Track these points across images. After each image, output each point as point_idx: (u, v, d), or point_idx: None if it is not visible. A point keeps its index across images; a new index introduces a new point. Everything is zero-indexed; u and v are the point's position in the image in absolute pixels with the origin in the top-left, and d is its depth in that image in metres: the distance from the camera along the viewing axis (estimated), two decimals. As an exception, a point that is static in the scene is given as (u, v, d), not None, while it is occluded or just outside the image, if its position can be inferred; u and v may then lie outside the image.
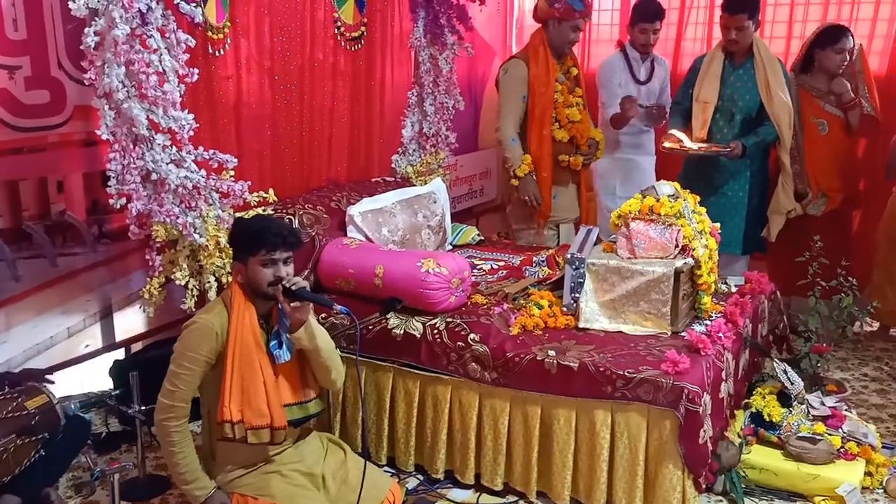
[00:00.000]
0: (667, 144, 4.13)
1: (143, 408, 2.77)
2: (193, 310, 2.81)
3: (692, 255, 2.90)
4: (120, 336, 3.27)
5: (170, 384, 2.44)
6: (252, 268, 2.44)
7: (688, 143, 4.06)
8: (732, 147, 3.99)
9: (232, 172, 2.92)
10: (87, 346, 3.13)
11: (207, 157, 2.84)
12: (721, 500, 2.81)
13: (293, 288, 2.39)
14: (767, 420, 2.93)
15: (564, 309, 3.00)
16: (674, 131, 4.16)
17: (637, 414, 2.57)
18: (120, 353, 3.34)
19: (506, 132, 4.03)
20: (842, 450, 2.85)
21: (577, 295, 2.96)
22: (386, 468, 2.96)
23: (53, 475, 2.73)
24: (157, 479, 2.89)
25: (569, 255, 3.00)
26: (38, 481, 2.63)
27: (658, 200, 2.97)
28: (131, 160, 2.65)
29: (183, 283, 2.85)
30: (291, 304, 2.39)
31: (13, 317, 2.86)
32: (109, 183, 2.66)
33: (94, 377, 3.25)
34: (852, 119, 4.09)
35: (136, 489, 2.82)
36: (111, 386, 3.16)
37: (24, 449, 2.54)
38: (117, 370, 3.22)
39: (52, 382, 2.71)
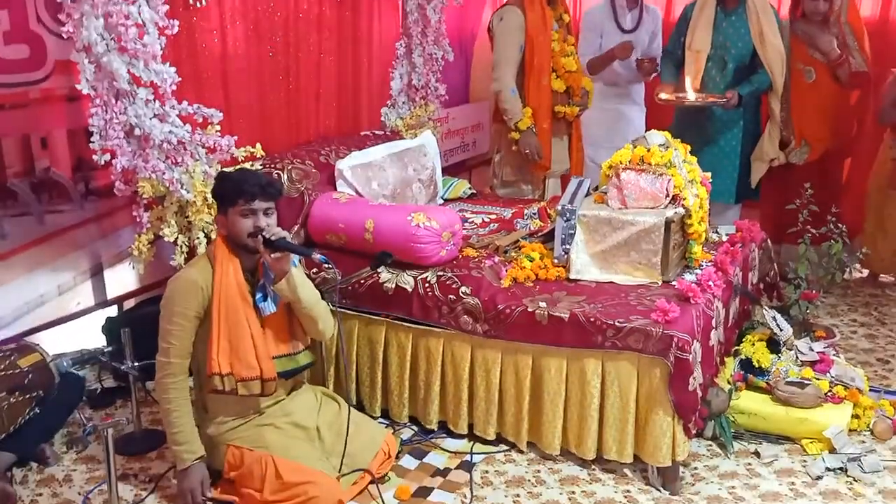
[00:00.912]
0: (663, 95, 4.09)
1: (136, 364, 2.78)
2: (183, 266, 2.80)
3: (683, 205, 2.90)
4: (111, 293, 3.26)
5: (163, 342, 2.46)
6: (232, 219, 2.45)
7: (685, 95, 4.02)
8: (729, 97, 3.95)
9: (218, 127, 2.89)
10: (78, 303, 3.12)
11: (192, 112, 2.80)
12: (710, 445, 2.85)
13: (272, 238, 2.39)
14: (757, 366, 2.97)
15: (555, 261, 3.00)
16: (669, 82, 4.11)
17: (627, 363, 2.60)
18: (112, 311, 3.33)
19: (505, 83, 3.94)
20: (829, 394, 2.89)
21: (568, 246, 2.95)
22: (380, 420, 2.99)
23: (48, 432, 2.76)
24: (152, 433, 2.91)
25: (560, 207, 2.99)
26: (33, 438, 2.66)
27: (648, 150, 2.95)
28: (114, 115, 2.61)
29: (172, 239, 2.84)
30: (272, 255, 2.40)
31: (2, 275, 2.84)
32: (93, 139, 2.63)
33: (87, 334, 3.25)
34: (841, 75, 4.03)
35: (133, 444, 2.85)
36: (104, 343, 3.16)
37: (19, 406, 2.56)
38: (109, 327, 3.23)
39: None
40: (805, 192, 3.44)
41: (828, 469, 2.68)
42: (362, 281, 2.97)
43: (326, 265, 2.43)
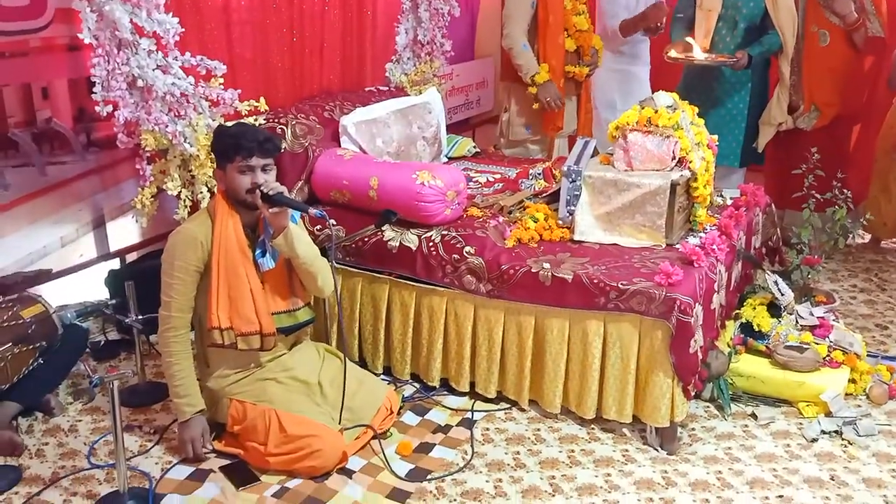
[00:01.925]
0: (672, 54, 4.03)
1: (139, 317, 2.78)
2: (186, 220, 2.79)
3: (689, 168, 2.88)
4: (114, 246, 3.26)
5: (164, 296, 2.47)
6: (230, 175, 2.44)
7: (694, 54, 3.96)
8: (738, 57, 3.90)
9: (221, 80, 2.85)
10: (81, 255, 3.12)
11: (195, 64, 2.77)
12: (708, 407, 2.89)
13: (270, 193, 2.39)
14: (757, 330, 2.98)
15: (560, 222, 3.00)
16: (680, 40, 4.05)
17: (629, 324, 2.61)
18: (114, 264, 3.33)
19: (515, 38, 3.88)
20: (827, 358, 2.91)
21: (572, 208, 2.95)
22: (383, 377, 3.01)
23: (52, 382, 2.78)
24: (156, 385, 2.94)
25: (565, 168, 2.97)
26: (37, 388, 2.68)
27: (656, 111, 2.92)
28: (116, 65, 2.58)
29: (175, 193, 2.83)
30: (270, 210, 2.39)
31: (4, 226, 2.84)
32: (95, 89, 2.60)
33: (90, 287, 3.26)
34: (857, 39, 3.97)
35: (137, 396, 2.88)
36: (107, 296, 3.17)
37: (22, 357, 2.57)
38: (112, 280, 3.23)
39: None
40: (811, 158, 3.42)
41: (823, 432, 2.71)
42: (366, 239, 2.96)
43: (320, 217, 2.42)
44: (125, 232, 3.26)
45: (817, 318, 3.05)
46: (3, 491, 2.35)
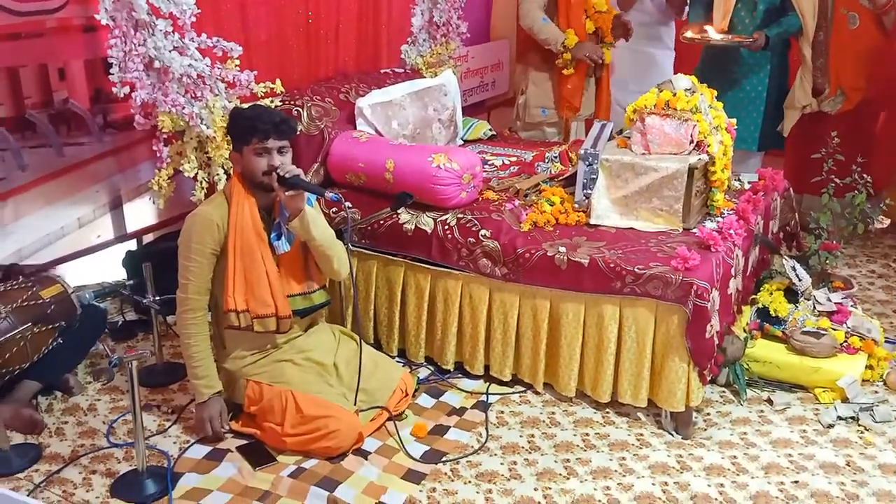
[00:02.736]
0: (688, 34, 3.99)
1: (157, 297, 2.80)
2: (202, 201, 2.80)
3: (707, 152, 2.85)
4: (131, 227, 3.28)
5: (182, 278, 2.48)
6: (247, 157, 2.44)
7: (710, 34, 3.91)
8: (755, 38, 3.85)
9: (237, 62, 2.85)
10: (98, 236, 3.14)
11: (211, 45, 2.76)
12: (724, 392, 2.88)
13: (286, 176, 2.38)
14: (773, 315, 2.97)
15: (576, 205, 2.98)
16: (698, 21, 4.01)
17: (645, 309, 2.60)
18: (131, 245, 3.35)
19: (533, 15, 3.86)
20: (845, 344, 2.90)
21: (589, 191, 2.93)
22: (397, 359, 3.02)
23: (71, 362, 2.81)
24: (174, 366, 2.96)
25: (582, 151, 2.96)
26: (56, 368, 2.71)
27: (674, 95, 2.89)
28: (133, 46, 2.58)
29: (191, 174, 2.83)
30: (286, 193, 2.39)
31: (21, 207, 2.85)
32: (112, 70, 2.60)
33: (108, 268, 3.28)
34: (886, 23, 3.90)
35: (154, 376, 2.90)
36: (124, 276, 3.19)
37: (41, 337, 2.59)
38: (130, 261, 3.25)
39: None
40: (831, 142, 3.38)
41: (839, 418, 2.70)
42: (382, 221, 2.96)
43: (336, 201, 2.42)
44: (142, 213, 3.28)
45: (835, 303, 3.03)
46: (23, 468, 2.38)
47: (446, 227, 2.88)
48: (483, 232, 2.82)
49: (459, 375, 2.95)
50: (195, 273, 2.47)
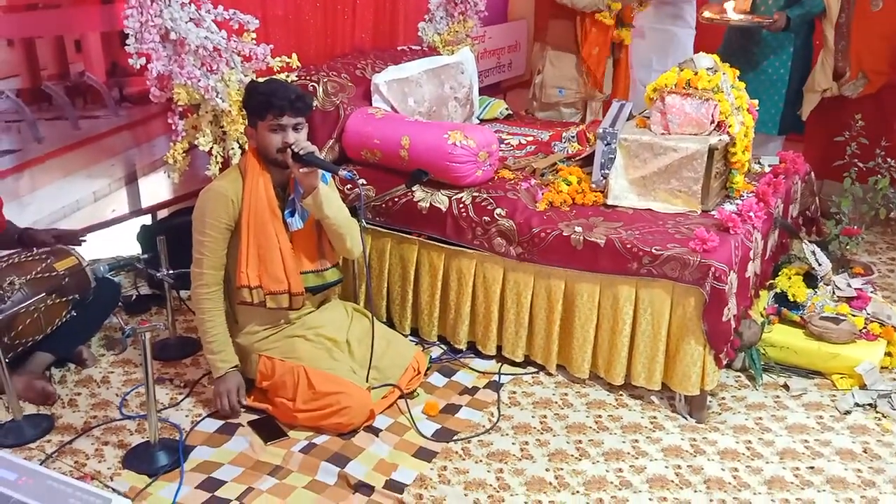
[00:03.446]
0: (707, 14, 3.92)
1: (171, 271, 2.80)
2: (217, 176, 2.79)
3: (728, 132, 2.81)
4: (146, 202, 3.28)
5: (196, 253, 2.48)
6: (262, 133, 2.42)
7: (729, 14, 3.84)
8: (776, 18, 3.77)
9: (254, 35, 2.83)
10: (113, 210, 3.14)
11: (227, 17, 2.74)
12: (739, 377, 2.85)
13: (301, 153, 2.36)
14: (791, 300, 2.93)
15: (593, 185, 2.95)
16: (717, 1, 3.94)
17: (662, 290, 2.57)
18: (146, 219, 3.35)
19: None
20: (864, 330, 2.85)
21: (607, 171, 2.89)
22: (410, 338, 3.01)
23: (85, 335, 2.82)
24: (187, 340, 2.97)
25: (600, 131, 2.92)
26: (70, 340, 2.72)
27: (696, 74, 2.84)
28: (149, 17, 2.56)
29: (206, 149, 2.82)
30: (301, 170, 2.37)
31: (38, 178, 2.86)
32: (128, 42, 2.59)
33: (122, 242, 3.29)
34: None
35: (168, 350, 2.91)
36: (139, 251, 3.19)
37: (55, 309, 2.60)
38: (144, 235, 3.25)
39: (84, 241, 2.71)
40: (855, 125, 3.32)
41: (857, 404, 2.67)
42: (396, 199, 2.94)
43: (350, 179, 2.39)
44: (157, 188, 3.27)
45: (855, 289, 2.98)
46: (36, 439, 2.39)
47: (461, 205, 2.85)
48: (498, 211, 2.80)
49: (472, 355, 2.94)
50: (209, 248, 2.46)
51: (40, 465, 2.18)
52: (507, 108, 4.00)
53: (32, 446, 2.37)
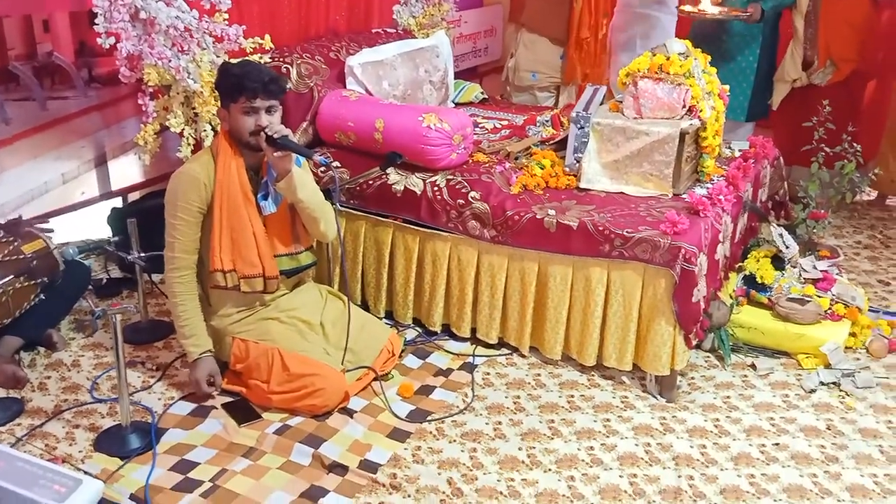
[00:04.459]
0: (686, 8, 3.95)
1: (142, 254, 2.77)
2: (189, 158, 2.76)
3: (699, 117, 2.84)
4: (116, 185, 3.24)
5: (168, 236, 2.46)
6: (234, 115, 2.40)
7: (706, 8, 3.87)
8: (751, 12, 3.81)
9: (226, 15, 2.80)
10: (83, 193, 3.10)
11: (199, -3, 2.71)
12: (709, 357, 2.90)
13: (275, 136, 2.34)
14: (760, 282, 2.98)
15: (567, 169, 2.97)
16: None
17: (633, 272, 2.60)
18: (117, 202, 3.31)
19: None
20: (829, 311, 2.92)
21: (580, 155, 2.91)
22: (385, 321, 3.01)
23: (54, 318, 2.79)
24: (158, 323, 2.95)
25: (574, 114, 2.93)
26: (39, 323, 2.69)
27: (668, 59, 2.87)
28: (118, -4, 2.52)
29: (178, 130, 2.79)
30: (275, 154, 2.36)
31: (5, 160, 2.81)
32: (97, 21, 2.55)
33: (92, 225, 3.25)
34: None
35: (140, 333, 2.89)
36: (109, 234, 3.16)
37: (23, 292, 2.57)
38: (115, 218, 3.22)
39: (51, 231, 2.70)
40: (822, 111, 3.37)
41: (821, 383, 2.73)
42: (371, 182, 2.94)
43: (324, 165, 2.38)
44: (128, 170, 3.24)
45: (821, 271, 3.04)
46: (5, 422, 2.37)
47: (436, 188, 2.86)
48: (473, 194, 2.81)
49: (446, 337, 2.95)
50: (182, 231, 2.44)
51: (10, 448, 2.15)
52: (482, 92, 4.00)
53: (2, 430, 2.35)
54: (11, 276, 2.50)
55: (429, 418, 2.49)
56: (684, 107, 2.83)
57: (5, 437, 2.31)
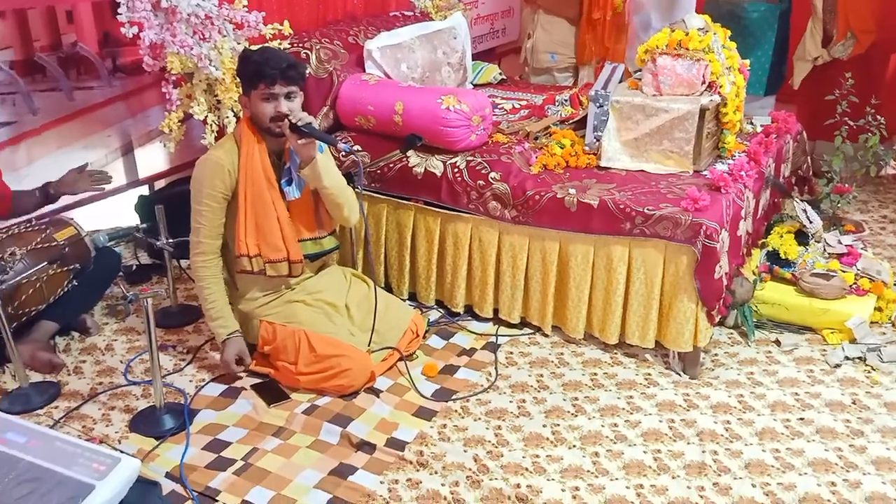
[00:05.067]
0: None
1: (170, 240, 2.83)
2: (213, 144, 2.80)
3: (719, 92, 2.83)
4: (143, 173, 3.29)
5: (194, 222, 2.50)
6: (255, 102, 2.43)
7: None
8: None
9: (245, 2, 2.83)
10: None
11: (219, -15, 2.73)
12: (732, 333, 2.90)
13: (299, 123, 2.37)
14: (783, 258, 2.97)
15: (586, 148, 2.97)
16: None
17: (654, 250, 2.61)
18: (144, 190, 3.37)
19: None
20: (854, 286, 2.90)
21: (599, 133, 2.91)
22: (408, 302, 3.05)
23: (87, 304, 2.86)
24: (188, 308, 3.01)
25: (593, 93, 2.93)
26: (73, 309, 2.76)
27: (687, 34, 2.85)
28: (141, -15, 2.55)
29: (201, 117, 2.83)
30: (299, 141, 2.38)
31: (34, 150, 2.87)
32: (119, 10, 2.58)
33: (120, 213, 3.31)
34: None
35: (169, 317, 2.95)
36: (137, 221, 3.21)
37: (57, 278, 2.64)
38: (142, 205, 3.27)
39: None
40: (845, 84, 3.34)
41: (847, 358, 2.72)
42: (391, 165, 2.96)
43: (348, 153, 2.41)
44: (154, 158, 3.29)
45: (845, 245, 3.02)
46: (43, 405, 2.44)
47: (456, 169, 2.87)
48: (493, 174, 2.82)
49: (469, 318, 2.98)
50: (207, 218, 2.49)
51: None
52: (500, 73, 4.00)
53: (40, 413, 2.42)
54: (45, 263, 2.56)
55: (454, 397, 2.52)
56: (704, 83, 2.82)
57: (44, 420, 2.38)
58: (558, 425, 2.40)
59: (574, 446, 2.31)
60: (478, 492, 2.12)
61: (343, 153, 2.51)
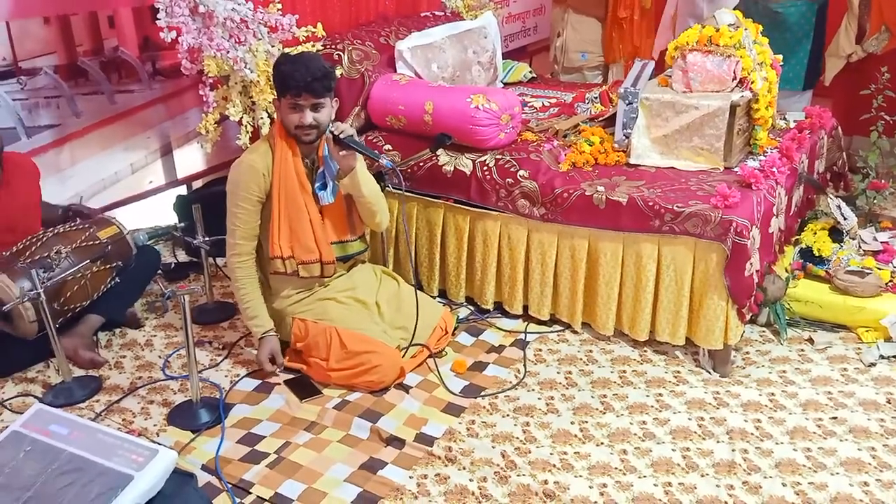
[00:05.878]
0: None
1: (207, 238, 2.90)
2: (249, 146, 2.87)
3: (750, 88, 2.80)
4: (181, 173, 3.37)
5: (230, 223, 2.57)
6: (283, 109, 2.48)
7: None
8: None
9: (279, 6, 2.88)
10: (150, 181, 3.25)
11: (253, -11, 2.80)
12: (764, 331, 2.88)
13: (342, 136, 2.42)
14: (817, 255, 2.94)
15: (616, 145, 2.97)
16: None
17: (684, 247, 2.60)
18: (182, 190, 3.46)
19: None
20: (890, 283, 2.85)
21: (629, 131, 2.91)
22: (438, 299, 3.08)
23: (128, 300, 2.94)
24: (224, 305, 3.08)
25: (622, 90, 2.93)
26: (114, 305, 2.84)
27: (717, 30, 2.83)
28: (178, -8, 2.63)
29: (237, 119, 2.90)
30: (341, 153, 2.43)
31: (77, 152, 2.96)
32: (159, 16, 2.66)
33: (159, 212, 3.40)
34: None
35: (206, 314, 3.02)
36: (175, 220, 3.30)
37: (100, 275, 2.72)
38: (181, 205, 3.35)
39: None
40: (881, 78, 3.28)
41: (882, 357, 2.69)
42: (421, 164, 3.00)
43: (389, 169, 2.46)
44: (191, 159, 3.37)
45: (881, 242, 2.98)
46: (85, 399, 2.53)
47: (485, 168, 2.90)
48: (521, 172, 2.84)
49: (498, 315, 3.01)
50: (242, 219, 2.55)
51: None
52: (530, 71, 4.01)
53: (82, 406, 2.50)
54: (88, 261, 2.64)
55: (482, 394, 2.55)
56: (735, 79, 2.80)
57: (86, 413, 2.47)
58: (586, 422, 2.41)
59: (602, 443, 2.32)
60: (505, 487, 2.14)
61: (387, 168, 2.53)
